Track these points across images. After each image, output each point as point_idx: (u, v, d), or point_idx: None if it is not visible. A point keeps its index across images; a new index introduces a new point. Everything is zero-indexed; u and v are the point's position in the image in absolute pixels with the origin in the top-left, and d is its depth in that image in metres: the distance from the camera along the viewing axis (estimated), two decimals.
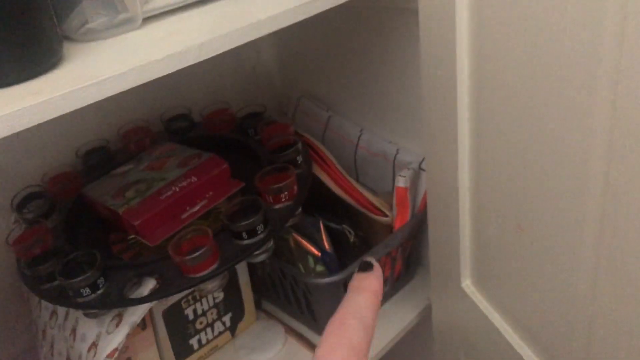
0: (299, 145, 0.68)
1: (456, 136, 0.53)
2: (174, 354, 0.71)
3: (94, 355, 0.58)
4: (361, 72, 0.82)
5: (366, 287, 0.33)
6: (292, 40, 0.91)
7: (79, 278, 0.55)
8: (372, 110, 0.82)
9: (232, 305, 0.76)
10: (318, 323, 0.75)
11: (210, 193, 0.66)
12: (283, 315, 0.80)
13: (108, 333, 0.58)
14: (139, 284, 0.58)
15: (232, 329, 0.78)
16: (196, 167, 0.68)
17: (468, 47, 0.48)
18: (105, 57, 0.45)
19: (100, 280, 0.56)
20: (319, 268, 0.73)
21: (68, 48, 0.46)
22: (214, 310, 0.74)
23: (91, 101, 0.41)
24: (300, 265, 0.73)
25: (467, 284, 0.61)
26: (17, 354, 0.75)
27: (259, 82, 0.95)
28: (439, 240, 0.65)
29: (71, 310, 0.62)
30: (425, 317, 0.79)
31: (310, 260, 0.73)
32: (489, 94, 0.47)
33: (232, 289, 0.75)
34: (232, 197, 0.67)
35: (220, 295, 0.74)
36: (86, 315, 0.59)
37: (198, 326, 0.73)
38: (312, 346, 0.75)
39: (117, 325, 0.58)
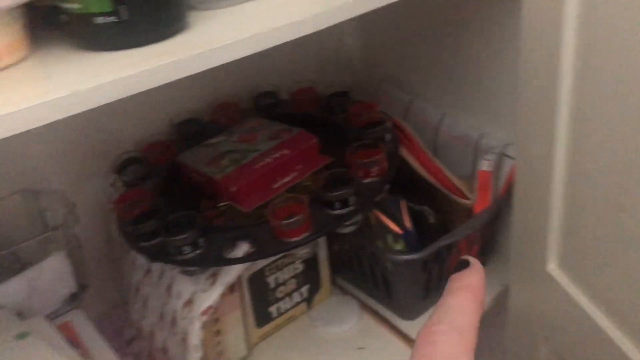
0: (388, 123, 0.69)
1: (553, 121, 0.54)
2: (255, 320, 0.74)
3: (189, 312, 0.61)
4: (446, 56, 0.82)
5: (462, 287, 0.27)
6: (375, 24, 0.92)
7: (182, 236, 0.58)
8: (455, 94, 0.83)
9: (310, 277, 0.78)
10: (394, 301, 0.76)
11: (300, 166, 0.68)
12: (357, 292, 0.82)
13: (203, 291, 0.61)
14: (233, 247, 0.60)
15: (309, 300, 0.80)
16: (287, 140, 0.70)
17: (575, 27, 0.49)
18: (227, 25, 0.47)
19: (200, 240, 0.59)
20: (398, 246, 0.74)
21: (189, 15, 0.48)
22: (294, 281, 0.77)
23: (217, 63, 0.44)
24: (379, 243, 0.74)
25: (553, 267, 0.61)
26: (106, 310, 0.79)
27: (340, 65, 0.97)
28: (524, 224, 0.65)
29: (167, 269, 0.65)
30: (497, 303, 0.80)
31: (390, 238, 0.74)
32: (595, 74, 0.47)
33: (311, 261, 0.77)
34: (319, 172, 0.69)
35: (300, 267, 0.76)
36: (183, 273, 0.62)
37: (278, 295, 0.76)
38: (386, 323, 0.77)
39: (211, 285, 0.61)
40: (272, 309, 0.76)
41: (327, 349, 0.75)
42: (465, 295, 0.27)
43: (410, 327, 0.76)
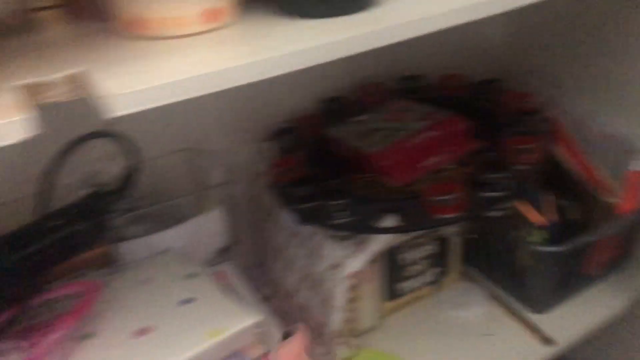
0: (543, 113, 0.69)
1: None
2: (385, 294, 0.77)
3: (335, 275, 0.65)
4: (596, 53, 0.80)
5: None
6: (522, 17, 0.91)
7: (338, 202, 0.61)
8: (605, 92, 0.81)
9: (441, 260, 0.80)
10: (526, 292, 0.76)
11: (449, 148, 0.70)
12: (485, 280, 0.82)
13: (350, 257, 0.64)
14: (383, 217, 0.63)
15: (436, 283, 0.81)
16: (438, 122, 0.72)
17: None
18: (411, 3, 0.50)
19: (354, 208, 0.62)
20: (538, 238, 0.74)
21: None
22: (425, 262, 0.78)
23: (410, 36, 0.46)
24: (520, 232, 0.74)
25: None
26: (245, 267, 0.84)
27: (484, 54, 0.97)
28: None
29: (314, 233, 0.69)
30: (633, 310, 0.78)
31: (531, 229, 0.74)
32: None
33: (444, 245, 0.79)
34: (466, 156, 0.70)
35: (432, 249, 0.78)
36: (331, 238, 0.66)
37: (409, 273, 0.78)
38: (514, 314, 0.77)
39: (359, 252, 0.64)
40: (402, 286, 0.78)
41: (453, 331, 0.76)
42: None
43: (539, 320, 0.75)
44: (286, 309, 0.75)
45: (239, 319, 0.53)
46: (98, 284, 0.55)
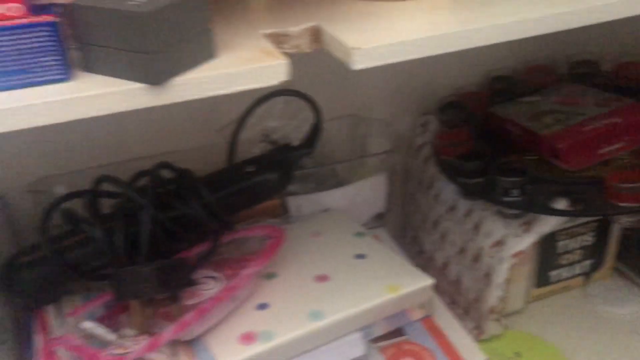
0: None
1: None
2: (535, 279, 0.76)
3: (498, 252, 0.65)
4: None
5: None
6: None
7: (513, 179, 0.61)
8: None
9: (595, 253, 0.77)
10: None
11: (629, 137, 0.67)
12: (637, 278, 0.79)
13: (516, 236, 0.64)
14: (554, 199, 0.62)
15: (586, 276, 0.79)
16: (618, 109, 0.69)
17: None
18: None
19: (528, 187, 0.62)
20: None
21: None
22: (580, 252, 0.76)
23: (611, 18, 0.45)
24: None
25: None
26: (396, 237, 0.86)
27: None
28: None
29: (476, 209, 0.69)
30: None
31: None
32: None
33: (602, 238, 0.76)
34: None
35: (590, 240, 0.76)
36: (496, 214, 0.66)
37: (562, 261, 0.76)
38: None
39: (525, 231, 0.64)
40: (553, 274, 0.77)
41: (602, 327, 0.74)
42: None
43: None
44: (438, 282, 0.76)
45: (414, 279, 0.55)
46: (283, 229, 0.58)
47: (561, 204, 0.62)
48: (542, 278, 0.76)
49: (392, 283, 0.54)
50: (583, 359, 0.69)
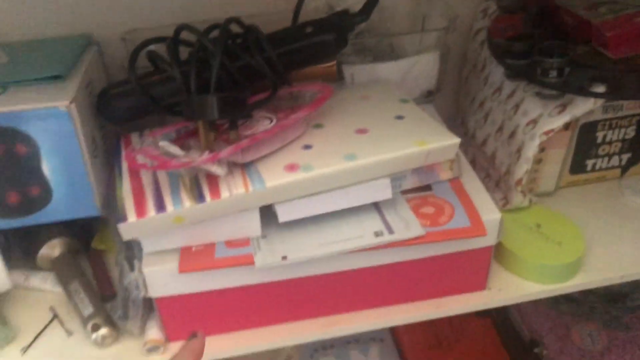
0: None
1: None
2: (570, 165, 0.80)
3: (531, 129, 0.70)
4: None
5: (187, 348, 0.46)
6: None
7: (553, 60, 0.65)
8: None
9: (635, 147, 0.80)
10: None
11: None
12: None
13: (550, 116, 0.69)
14: (592, 84, 0.66)
15: (624, 169, 0.83)
16: None
17: None
18: None
19: (566, 69, 0.66)
20: None
21: None
22: (619, 144, 0.80)
23: None
24: None
25: None
26: (446, 117, 0.92)
27: None
28: None
29: (519, 90, 0.73)
30: None
31: None
32: None
33: None
34: None
35: (631, 134, 0.79)
36: (536, 95, 0.70)
37: (600, 152, 0.80)
38: None
39: (559, 113, 0.68)
40: (589, 162, 0.81)
41: (632, 216, 0.78)
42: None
43: None
44: (477, 158, 0.83)
45: (441, 137, 0.61)
46: (331, 87, 0.66)
47: (598, 88, 0.65)
48: (577, 165, 0.81)
49: (421, 139, 0.61)
50: (600, 238, 0.74)
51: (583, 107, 0.68)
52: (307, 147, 0.61)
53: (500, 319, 1.05)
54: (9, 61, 0.67)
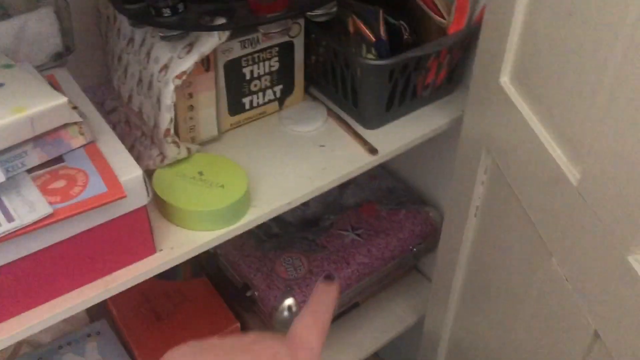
0: None
1: None
2: (228, 107, 0.79)
3: (165, 75, 0.66)
4: None
5: (325, 291, 0.46)
6: None
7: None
8: None
9: (284, 78, 0.83)
10: (359, 109, 0.82)
11: None
12: (327, 101, 0.87)
13: (179, 58, 0.66)
14: (212, 20, 0.64)
15: (281, 101, 0.85)
16: None
17: None
18: None
19: (180, 6, 0.63)
20: (371, 56, 0.78)
21: None
22: (268, 78, 0.81)
23: None
24: (354, 50, 0.78)
25: (505, 80, 0.66)
26: (90, 85, 0.84)
27: None
28: (487, 39, 0.69)
29: (148, 37, 0.69)
30: (452, 127, 0.85)
31: (364, 48, 0.78)
32: None
33: (287, 63, 0.81)
34: None
35: (276, 65, 0.81)
36: (162, 38, 0.66)
37: (252, 88, 0.80)
38: (349, 129, 0.82)
39: (187, 53, 0.66)
40: (245, 100, 0.81)
41: (291, 144, 0.81)
42: (327, 299, 0.46)
43: (370, 135, 0.82)
44: (127, 116, 0.77)
45: (44, 99, 0.54)
46: None
47: (218, 21, 0.64)
48: (235, 105, 0.80)
49: (19, 105, 0.52)
50: (266, 173, 0.75)
51: (209, 44, 0.66)
52: None
53: (213, 274, 1.04)
54: None
